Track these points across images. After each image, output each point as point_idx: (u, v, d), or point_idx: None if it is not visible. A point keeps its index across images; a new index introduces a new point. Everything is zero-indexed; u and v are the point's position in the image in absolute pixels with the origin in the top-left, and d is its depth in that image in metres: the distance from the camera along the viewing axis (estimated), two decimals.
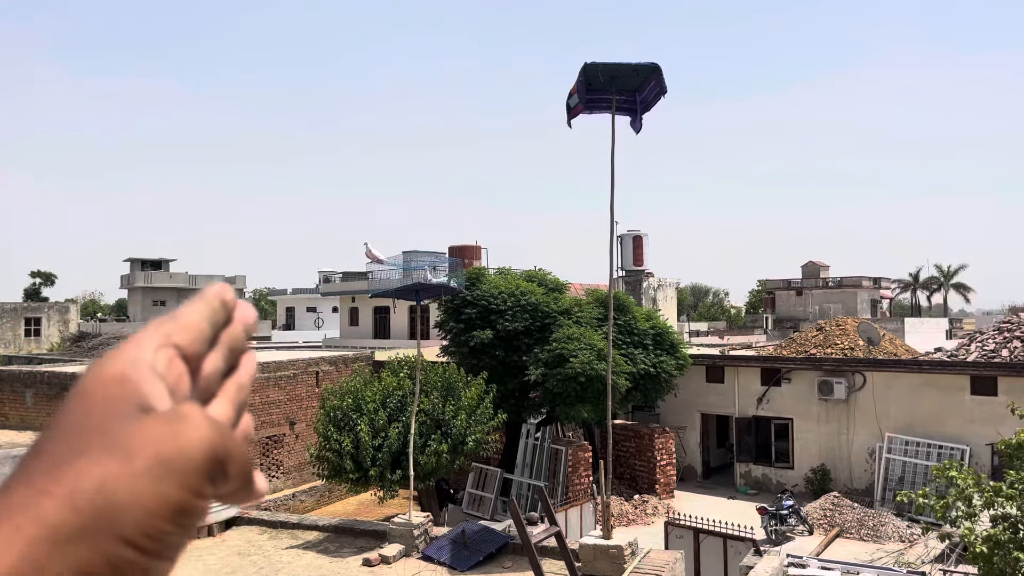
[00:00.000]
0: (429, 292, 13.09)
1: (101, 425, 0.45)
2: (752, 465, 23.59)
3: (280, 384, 22.51)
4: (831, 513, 19.19)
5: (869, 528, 18.44)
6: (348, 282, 48.31)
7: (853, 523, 18.65)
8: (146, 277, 58.14)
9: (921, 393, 20.60)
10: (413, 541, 10.07)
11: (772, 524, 17.92)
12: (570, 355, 18.63)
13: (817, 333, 26.13)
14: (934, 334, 48.59)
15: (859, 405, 21.57)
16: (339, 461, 16.15)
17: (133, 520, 0.42)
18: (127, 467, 0.43)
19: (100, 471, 0.43)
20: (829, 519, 19.00)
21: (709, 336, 58.26)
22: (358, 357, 25.60)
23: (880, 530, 18.32)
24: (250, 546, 11.11)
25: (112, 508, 0.42)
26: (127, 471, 0.43)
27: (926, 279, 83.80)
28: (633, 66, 8.65)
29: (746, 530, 14.13)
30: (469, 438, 16.80)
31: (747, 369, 23.97)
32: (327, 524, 12.00)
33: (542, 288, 21.29)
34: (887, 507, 19.73)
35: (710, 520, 14.52)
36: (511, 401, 20.08)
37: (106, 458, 0.43)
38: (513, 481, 20.93)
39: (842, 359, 22.91)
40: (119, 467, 0.43)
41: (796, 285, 69.79)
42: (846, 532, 18.50)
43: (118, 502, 0.42)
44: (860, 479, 21.46)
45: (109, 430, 0.45)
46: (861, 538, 18.21)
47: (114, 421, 0.45)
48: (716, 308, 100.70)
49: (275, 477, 22.26)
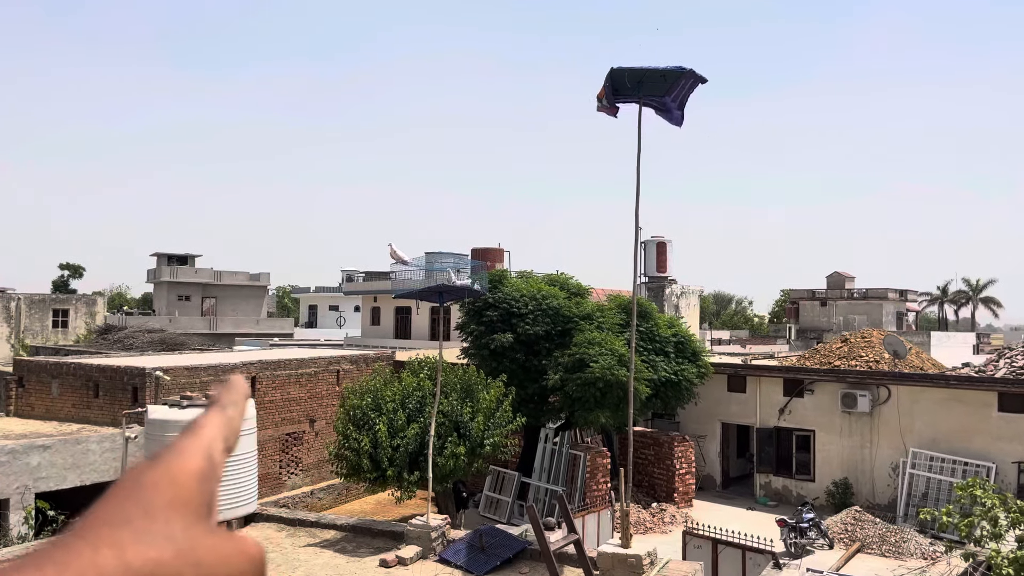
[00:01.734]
0: (453, 294, 13.06)
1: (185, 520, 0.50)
2: (772, 476, 23.34)
3: (301, 382, 22.61)
4: (852, 527, 18.92)
5: (891, 544, 18.15)
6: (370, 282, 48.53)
7: (875, 538, 18.36)
8: (172, 272, 58.72)
9: (947, 408, 20.27)
10: (430, 543, 10.05)
11: (792, 537, 17.69)
12: (590, 360, 18.55)
13: (841, 345, 25.81)
14: (961, 349, 47.91)
15: (883, 419, 21.28)
16: (357, 460, 16.18)
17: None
18: (193, 572, 0.47)
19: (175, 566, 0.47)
20: (850, 534, 18.73)
21: (731, 344, 57.81)
22: (379, 357, 25.66)
23: (902, 546, 18.02)
24: (268, 543, 11.12)
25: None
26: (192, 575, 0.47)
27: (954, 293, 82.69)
28: (661, 71, 8.51)
29: (765, 542, 13.98)
30: (487, 441, 16.77)
31: (769, 379, 23.72)
32: (345, 523, 12.01)
33: (564, 292, 21.23)
34: (910, 523, 19.43)
35: (729, 531, 14.38)
36: (530, 405, 20.02)
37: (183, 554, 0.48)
38: (530, 485, 20.87)
39: (867, 372, 22.60)
40: (188, 571, 0.47)
41: (821, 295, 69.06)
42: (867, 547, 18.22)
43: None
44: (883, 494, 21.16)
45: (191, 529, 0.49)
46: (882, 554, 17.93)
47: (193, 518, 0.50)
48: (739, 317, 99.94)
49: (294, 474, 22.36)
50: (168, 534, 0.48)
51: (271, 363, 21.92)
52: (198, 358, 23.17)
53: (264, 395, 21.14)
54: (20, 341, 50.72)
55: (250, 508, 12.18)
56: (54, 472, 15.94)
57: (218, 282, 60.15)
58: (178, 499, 0.51)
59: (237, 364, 21.07)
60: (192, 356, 24.95)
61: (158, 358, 23.35)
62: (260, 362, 21.73)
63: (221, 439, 0.57)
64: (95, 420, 19.21)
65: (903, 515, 19.96)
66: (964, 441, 19.84)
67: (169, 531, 0.48)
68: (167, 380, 18.66)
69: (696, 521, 19.69)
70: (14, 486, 15.16)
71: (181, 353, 28.09)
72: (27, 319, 52.97)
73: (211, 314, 58.42)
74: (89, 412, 19.56)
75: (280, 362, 22.22)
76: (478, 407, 16.95)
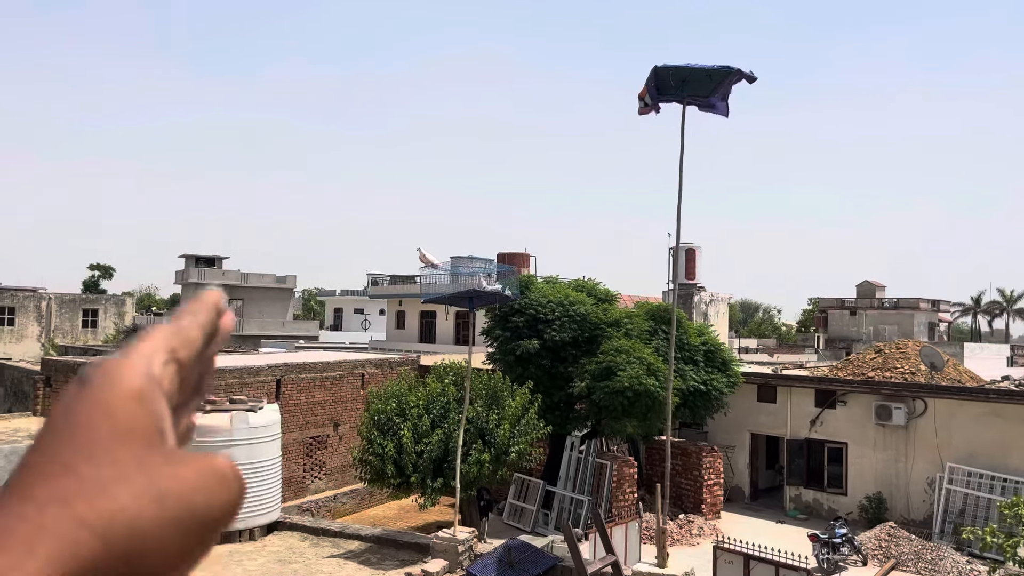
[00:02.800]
0: (483, 299, 12.83)
1: (133, 452, 0.43)
2: (803, 489, 22.83)
3: (326, 385, 22.51)
4: (887, 544, 18.39)
5: (927, 562, 17.61)
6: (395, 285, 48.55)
7: (910, 556, 17.83)
8: (199, 273, 59.18)
9: (986, 423, 19.67)
10: (457, 557, 9.79)
11: (824, 552, 17.23)
12: (618, 368, 18.24)
13: (876, 355, 25.22)
14: (995, 360, 46.85)
15: (919, 432, 20.71)
16: (381, 465, 16.02)
17: (152, 565, 0.41)
18: (159, 510, 0.42)
19: (135, 509, 0.41)
20: (884, 550, 18.22)
21: (758, 353, 57.04)
22: (404, 361, 25.52)
23: (938, 564, 17.47)
24: (291, 553, 10.95)
25: (139, 551, 0.41)
26: (158, 514, 0.41)
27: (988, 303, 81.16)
28: (707, 70, 8.17)
29: (798, 559, 13.57)
30: (512, 448, 16.53)
31: (801, 389, 23.22)
32: (369, 534, 11.78)
33: (591, 298, 20.93)
34: (946, 540, 18.87)
35: (761, 546, 13.99)
36: (556, 412, 19.74)
37: (141, 493, 0.42)
38: (555, 494, 20.57)
39: (902, 383, 22.03)
40: (153, 509, 0.41)
41: (850, 305, 68.00)
42: (902, 565, 17.70)
43: (145, 547, 0.41)
44: (918, 510, 20.59)
45: (143, 461, 0.43)
46: (918, 572, 17.40)
47: (142, 447, 0.44)
48: (766, 325, 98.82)
49: (317, 478, 22.25)
50: (119, 474, 0.41)
51: (296, 366, 21.85)
52: (224, 360, 23.17)
53: (289, 398, 21.06)
54: (50, 340, 51.37)
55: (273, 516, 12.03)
56: None
57: (245, 284, 60.54)
58: (120, 430, 0.43)
59: (262, 366, 21.01)
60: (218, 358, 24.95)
61: None
62: (285, 365, 21.66)
63: (164, 350, 0.49)
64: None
65: (939, 532, 19.39)
66: (1003, 457, 19.24)
67: (119, 471, 0.41)
68: None
69: (724, 534, 19.27)
70: None
71: None
72: (57, 319, 53.65)
73: (238, 316, 58.80)
74: None
75: (305, 365, 22.15)
76: (504, 414, 16.72)
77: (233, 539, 11.50)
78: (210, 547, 0.44)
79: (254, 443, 11.81)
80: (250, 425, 11.78)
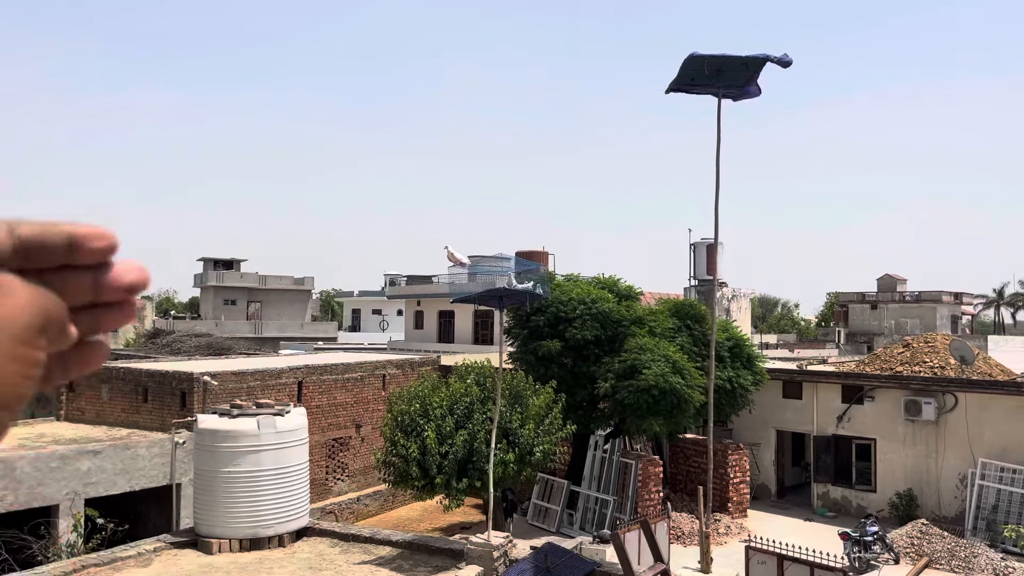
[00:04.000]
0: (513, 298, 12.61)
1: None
2: (830, 486, 22.50)
3: (347, 386, 22.42)
4: (919, 541, 18.05)
5: (960, 560, 17.26)
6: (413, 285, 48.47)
7: (943, 553, 17.48)
8: (218, 276, 59.42)
9: (1019, 417, 19.28)
10: (492, 563, 9.61)
11: (856, 551, 16.93)
12: (642, 367, 18.00)
13: (904, 350, 24.82)
14: (1020, 353, 46.13)
15: (949, 427, 20.34)
16: (405, 467, 15.87)
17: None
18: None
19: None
20: (916, 548, 17.87)
21: (779, 348, 56.54)
22: (424, 361, 25.40)
23: (972, 562, 17.12)
24: (321, 559, 10.80)
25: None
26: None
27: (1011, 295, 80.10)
28: (743, 59, 7.93)
29: (830, 558, 13.30)
30: (536, 448, 16.35)
31: (826, 385, 22.89)
32: (401, 539, 11.61)
33: (613, 296, 20.68)
34: (979, 537, 18.51)
35: (791, 545, 13.73)
36: (579, 412, 19.52)
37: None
38: (580, 494, 20.37)
39: (932, 378, 21.64)
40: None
41: (871, 298, 67.25)
42: (935, 563, 17.36)
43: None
44: (949, 506, 20.22)
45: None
46: (952, 569, 17.07)
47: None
48: (785, 320, 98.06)
49: (340, 480, 22.17)
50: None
51: (317, 368, 21.78)
52: (245, 363, 23.13)
53: (311, 400, 20.99)
54: None
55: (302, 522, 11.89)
56: (104, 478, 15.89)
57: (263, 286, 60.73)
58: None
59: (284, 368, 20.95)
60: (239, 361, 24.95)
61: (205, 362, 23.38)
62: (307, 367, 21.59)
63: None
64: (144, 425, 19.21)
65: (972, 528, 19.03)
66: None
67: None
68: (215, 385, 18.58)
69: (752, 532, 19.00)
70: (64, 492, 15.12)
71: (228, 357, 28.17)
72: None
73: (256, 318, 58.97)
74: (138, 416, 19.58)
75: (326, 367, 22.07)
76: (528, 414, 16.54)
77: (262, 546, 11.41)
78: (39, 346, 0.52)
79: (282, 448, 11.70)
80: (278, 429, 11.67)
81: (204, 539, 12.29)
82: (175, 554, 11.81)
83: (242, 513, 11.56)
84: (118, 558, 11.24)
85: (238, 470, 11.53)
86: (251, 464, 11.48)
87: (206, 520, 12.43)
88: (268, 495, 11.60)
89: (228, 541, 11.99)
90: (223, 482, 11.71)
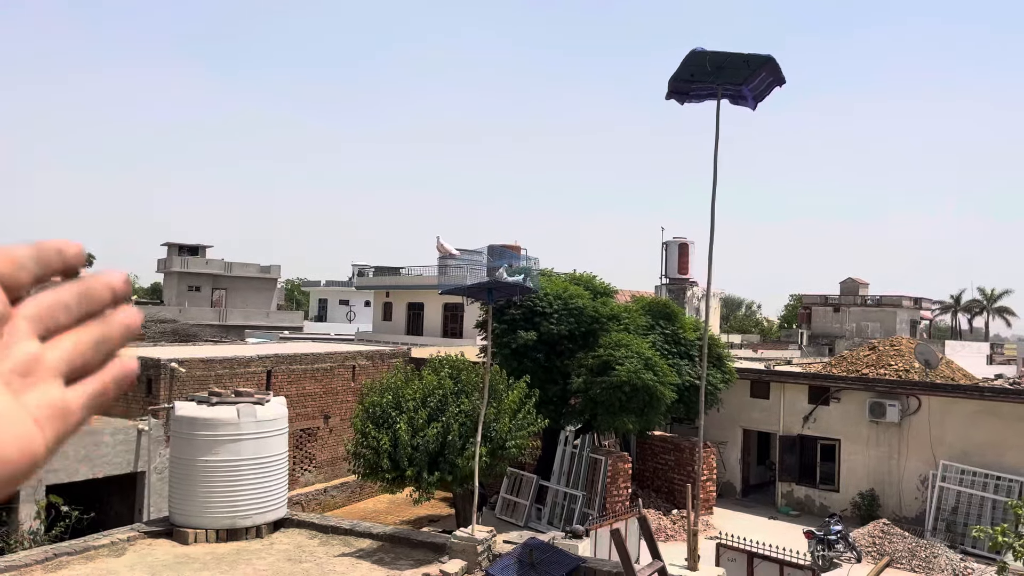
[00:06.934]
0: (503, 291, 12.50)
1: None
2: (795, 485, 22.83)
3: (316, 377, 22.17)
4: (880, 541, 18.41)
5: (921, 559, 17.63)
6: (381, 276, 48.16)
7: (904, 553, 17.85)
8: (182, 262, 58.38)
9: (980, 421, 19.72)
10: (476, 557, 9.54)
11: (819, 549, 17.19)
12: (616, 363, 18.05)
13: (870, 352, 25.26)
14: (975, 358, 47.35)
15: (913, 430, 20.74)
16: (376, 459, 15.71)
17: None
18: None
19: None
20: (878, 547, 18.22)
21: (742, 349, 57.17)
22: (395, 353, 25.22)
23: (932, 562, 17.50)
24: (300, 551, 10.62)
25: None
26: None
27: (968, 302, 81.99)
28: (744, 57, 7.94)
29: (797, 555, 13.50)
30: (509, 442, 16.30)
31: (794, 386, 23.20)
32: (381, 532, 11.45)
33: (588, 292, 20.71)
34: (939, 538, 18.92)
35: (757, 543, 13.89)
36: (550, 406, 19.52)
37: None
38: (549, 489, 20.39)
39: (896, 381, 22.04)
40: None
41: (834, 301, 68.34)
42: (896, 562, 17.71)
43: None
44: (910, 507, 20.63)
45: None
46: (912, 569, 17.43)
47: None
48: (748, 321, 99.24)
49: (307, 471, 21.93)
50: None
51: (287, 357, 21.50)
52: (212, 350, 22.76)
53: (279, 389, 20.71)
54: None
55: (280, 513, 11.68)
56: (65, 464, 15.51)
57: (228, 273, 59.81)
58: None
59: (253, 357, 20.64)
60: (206, 348, 24.53)
61: (172, 349, 22.94)
62: (276, 356, 21.31)
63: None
64: (107, 411, 18.80)
65: (932, 529, 19.44)
66: (997, 455, 19.30)
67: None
68: (183, 372, 18.24)
69: (718, 529, 19.20)
70: None
71: (194, 344, 27.69)
72: None
73: (220, 305, 58.07)
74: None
75: (296, 356, 21.80)
76: (502, 407, 16.49)
77: (240, 536, 11.19)
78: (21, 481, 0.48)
79: (261, 437, 11.48)
80: (257, 419, 11.46)
81: (179, 529, 12.01)
82: (149, 544, 11.55)
83: (220, 503, 11.32)
84: (91, 547, 10.97)
85: (216, 459, 11.28)
86: (230, 453, 11.24)
87: (182, 509, 12.15)
88: (247, 485, 11.37)
89: (204, 531, 11.74)
90: (200, 471, 11.45)
